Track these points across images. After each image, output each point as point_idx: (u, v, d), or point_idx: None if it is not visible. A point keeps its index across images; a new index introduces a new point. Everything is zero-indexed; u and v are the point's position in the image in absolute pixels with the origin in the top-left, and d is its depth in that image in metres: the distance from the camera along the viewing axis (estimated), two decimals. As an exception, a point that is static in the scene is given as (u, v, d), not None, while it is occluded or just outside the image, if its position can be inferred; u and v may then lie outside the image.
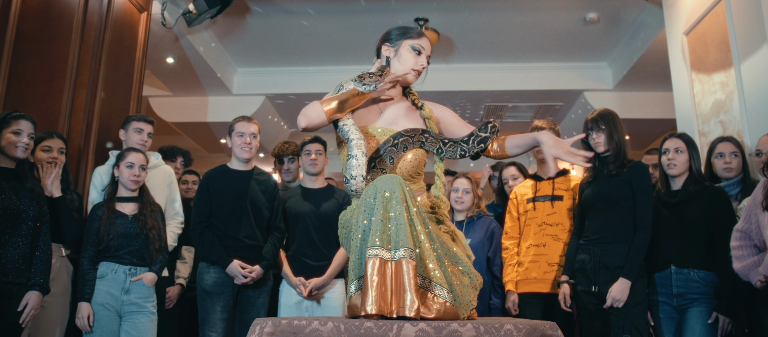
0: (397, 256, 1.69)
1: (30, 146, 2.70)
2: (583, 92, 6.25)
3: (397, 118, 2.06)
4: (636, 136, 6.99)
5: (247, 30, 5.48)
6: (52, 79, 3.58)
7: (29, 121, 2.69)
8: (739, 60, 3.45)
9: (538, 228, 3.22)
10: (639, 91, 6.23)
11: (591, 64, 6.16)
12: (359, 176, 1.86)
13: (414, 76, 2.06)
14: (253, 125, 3.38)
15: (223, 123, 6.52)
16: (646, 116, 6.30)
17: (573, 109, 6.71)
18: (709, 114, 3.77)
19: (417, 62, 2.04)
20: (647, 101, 6.26)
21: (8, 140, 2.62)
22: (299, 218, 3.42)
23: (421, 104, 2.11)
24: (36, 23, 3.67)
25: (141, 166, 3.09)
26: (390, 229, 1.71)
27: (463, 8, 5.09)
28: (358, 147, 1.88)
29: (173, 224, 3.52)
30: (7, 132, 2.63)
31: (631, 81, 5.97)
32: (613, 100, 6.25)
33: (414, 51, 2.04)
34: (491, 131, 2.03)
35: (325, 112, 1.89)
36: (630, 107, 6.25)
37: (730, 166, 2.93)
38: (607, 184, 2.87)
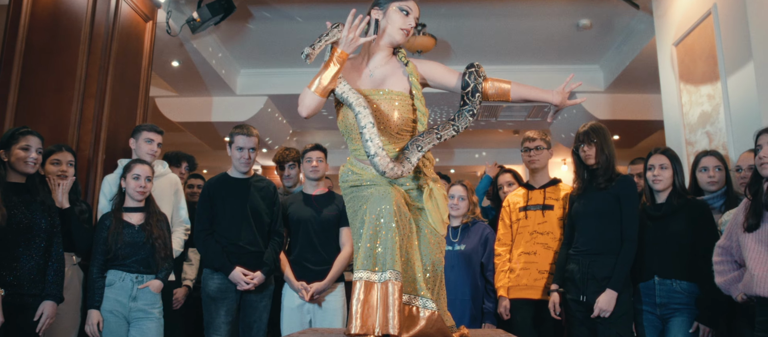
0: (383, 278, 1.73)
1: (39, 160, 2.73)
2: (576, 94, 6.25)
3: (384, 79, 2.08)
4: (626, 136, 7.02)
5: (250, 34, 5.48)
6: (61, 90, 3.59)
7: (37, 136, 2.71)
8: (726, 74, 3.46)
9: (530, 236, 3.25)
10: (630, 93, 6.24)
11: (583, 66, 6.17)
12: (378, 151, 1.87)
13: (402, 35, 2.06)
14: (253, 138, 3.38)
15: (227, 123, 6.54)
16: (636, 118, 6.32)
17: (565, 109, 6.72)
18: (696, 125, 3.79)
19: (405, 22, 2.05)
20: (637, 103, 6.27)
21: (17, 156, 2.65)
22: (301, 223, 3.44)
23: (407, 61, 2.11)
24: (45, 35, 3.67)
25: (147, 178, 3.11)
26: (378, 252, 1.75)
27: (459, 14, 5.08)
28: (363, 115, 1.90)
29: (180, 231, 3.55)
30: (16, 148, 2.65)
31: (622, 83, 5.98)
32: (605, 102, 6.26)
33: (402, 12, 2.05)
34: (477, 76, 2.07)
35: (315, 92, 1.92)
36: (621, 109, 6.27)
37: (713, 180, 2.96)
38: (595, 197, 2.92)
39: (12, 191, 2.64)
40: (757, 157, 2.31)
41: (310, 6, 4.94)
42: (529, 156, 3.35)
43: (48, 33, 3.67)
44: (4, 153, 2.66)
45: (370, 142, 1.86)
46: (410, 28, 2.07)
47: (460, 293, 3.30)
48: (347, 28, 1.90)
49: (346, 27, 1.91)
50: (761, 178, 2.30)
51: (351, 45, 1.91)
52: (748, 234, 2.28)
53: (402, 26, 2.05)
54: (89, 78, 3.61)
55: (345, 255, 3.40)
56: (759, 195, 2.29)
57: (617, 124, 6.54)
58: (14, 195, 2.63)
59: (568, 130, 7.02)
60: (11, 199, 2.61)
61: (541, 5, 4.91)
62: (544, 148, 3.33)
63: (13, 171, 2.67)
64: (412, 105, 2.06)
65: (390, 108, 2.02)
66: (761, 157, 2.28)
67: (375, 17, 2.09)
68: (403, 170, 1.91)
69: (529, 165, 3.37)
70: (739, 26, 3.34)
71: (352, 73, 2.09)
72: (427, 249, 2.01)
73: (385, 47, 2.11)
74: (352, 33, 1.90)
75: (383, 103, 2.02)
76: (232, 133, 3.40)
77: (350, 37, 1.90)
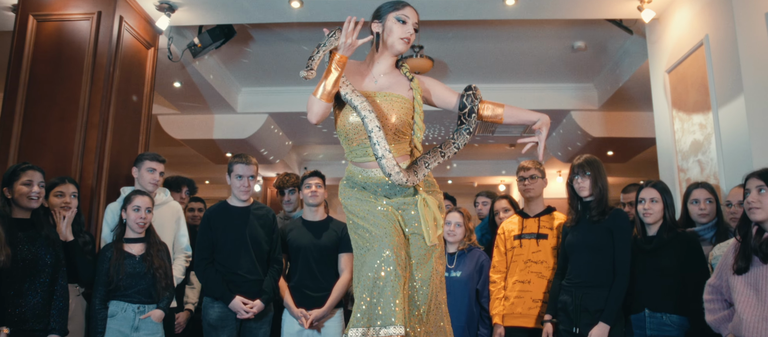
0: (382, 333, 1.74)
1: (41, 194, 2.74)
2: (570, 112, 6.26)
3: (389, 86, 2.12)
4: (619, 152, 7.03)
5: (250, 55, 5.49)
6: (65, 120, 3.60)
7: (38, 170, 2.73)
8: (717, 106, 3.46)
9: (524, 265, 3.25)
10: (623, 110, 6.24)
11: (578, 85, 6.17)
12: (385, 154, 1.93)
13: (402, 44, 2.09)
14: (251, 167, 3.38)
15: (228, 140, 6.54)
16: (629, 135, 6.32)
17: (560, 126, 6.73)
18: (688, 152, 3.79)
19: (403, 31, 2.08)
20: (631, 121, 6.27)
21: (20, 192, 2.66)
22: (300, 250, 3.44)
23: (412, 77, 2.16)
24: (48, 66, 3.69)
25: (147, 209, 3.11)
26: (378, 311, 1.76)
27: (456, 37, 5.08)
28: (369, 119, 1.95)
29: (181, 259, 3.55)
30: (18, 184, 2.67)
31: (616, 102, 5.98)
32: (599, 120, 6.27)
33: (399, 22, 2.07)
34: (474, 99, 2.14)
35: (321, 99, 1.97)
36: (614, 126, 6.27)
37: (704, 213, 2.97)
38: (589, 230, 2.92)
39: (17, 227, 2.65)
40: (745, 201, 2.31)
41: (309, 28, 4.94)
42: (523, 185, 3.36)
43: (51, 64, 3.69)
44: (8, 190, 2.67)
45: (378, 146, 1.91)
46: (410, 35, 2.10)
47: (455, 319, 3.29)
48: (344, 33, 1.93)
49: (343, 33, 1.94)
50: (750, 221, 2.30)
51: (350, 49, 1.95)
52: (738, 276, 2.28)
53: (401, 36, 2.08)
54: (92, 108, 3.61)
55: (344, 281, 3.41)
56: (748, 238, 2.29)
57: (611, 141, 6.55)
58: (20, 231, 2.65)
59: (564, 146, 7.03)
60: (16, 235, 2.62)
61: (536, 28, 4.92)
62: (539, 178, 3.34)
63: (18, 207, 2.68)
64: (411, 112, 2.11)
65: (389, 109, 2.06)
66: (749, 202, 2.28)
67: (375, 31, 2.12)
68: (409, 180, 1.96)
69: (524, 194, 3.38)
70: (731, 58, 3.34)
71: (357, 77, 2.13)
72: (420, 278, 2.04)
73: (389, 57, 2.15)
74: (349, 38, 1.93)
75: (384, 103, 2.06)
76: (231, 162, 3.41)
77: (348, 42, 1.94)
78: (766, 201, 2.23)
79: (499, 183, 9.54)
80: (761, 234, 2.27)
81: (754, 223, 2.28)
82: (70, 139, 3.56)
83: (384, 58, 2.14)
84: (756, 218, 2.26)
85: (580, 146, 6.70)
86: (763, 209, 2.24)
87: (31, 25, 3.74)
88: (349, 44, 1.93)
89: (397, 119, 2.06)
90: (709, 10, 3.57)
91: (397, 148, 2.08)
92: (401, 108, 2.07)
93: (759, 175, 2.28)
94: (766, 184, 2.24)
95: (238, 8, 4.12)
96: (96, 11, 3.75)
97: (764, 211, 2.24)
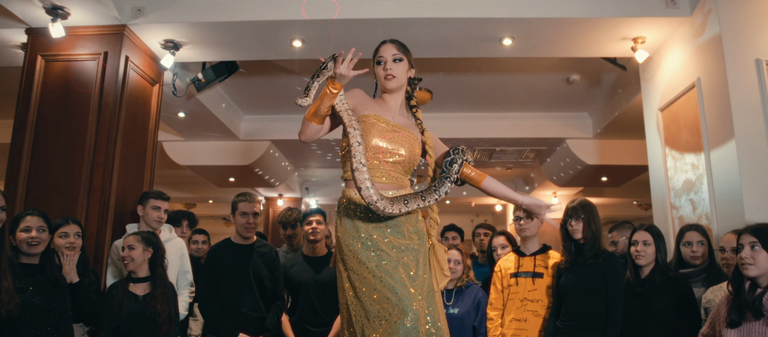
0: None
1: (42, 239, 2.71)
2: (566, 140, 6.27)
3: (406, 126, 2.17)
4: (613, 178, 7.04)
5: (252, 86, 5.50)
6: (71, 158, 3.59)
7: (37, 216, 2.72)
8: (709, 148, 3.46)
9: (520, 303, 3.24)
10: (617, 139, 6.24)
11: (573, 114, 6.18)
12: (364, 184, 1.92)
13: (387, 82, 2.14)
14: (256, 204, 3.39)
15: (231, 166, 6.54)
16: (623, 163, 6.32)
17: (555, 153, 6.74)
18: (681, 190, 3.78)
19: (382, 72, 2.14)
20: (624, 149, 6.27)
21: (20, 239, 2.66)
22: (301, 286, 3.45)
23: (423, 130, 2.21)
24: (56, 105, 3.68)
25: (129, 246, 3.09)
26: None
27: (455, 70, 5.10)
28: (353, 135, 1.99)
29: (185, 294, 3.54)
30: (18, 231, 2.67)
31: (610, 131, 5.98)
32: (593, 148, 6.27)
33: (378, 64, 2.15)
34: (462, 155, 2.16)
35: (310, 120, 2.07)
36: (609, 154, 6.27)
37: (696, 255, 2.97)
38: (583, 273, 2.92)
39: (25, 273, 2.65)
40: (738, 257, 2.30)
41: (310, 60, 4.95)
42: (519, 225, 3.37)
43: (58, 103, 3.68)
44: (13, 238, 2.68)
45: (355, 158, 1.94)
46: (388, 71, 2.14)
47: (453, 356, 3.29)
48: (339, 62, 1.98)
49: (337, 62, 1.99)
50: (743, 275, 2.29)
51: (343, 78, 2.00)
52: (730, 330, 2.27)
53: (382, 76, 2.15)
54: (98, 147, 3.60)
55: (342, 317, 3.40)
56: (741, 292, 2.28)
57: (605, 169, 6.56)
58: (27, 276, 2.64)
59: (559, 172, 7.03)
60: (24, 281, 2.61)
61: (532, 62, 4.93)
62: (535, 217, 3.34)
63: (23, 254, 2.68)
64: (421, 153, 2.19)
65: (405, 143, 2.12)
66: (743, 258, 2.27)
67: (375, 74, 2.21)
68: (386, 211, 1.95)
69: (520, 233, 3.38)
70: (722, 102, 3.34)
71: (376, 105, 2.18)
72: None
73: (392, 96, 2.20)
74: (341, 68, 1.98)
75: (398, 135, 2.12)
76: (234, 201, 3.41)
77: (341, 71, 1.98)
78: (759, 258, 2.22)
79: (495, 203, 9.52)
80: (754, 289, 2.26)
81: (747, 278, 2.27)
82: (77, 178, 3.55)
83: (390, 100, 2.20)
84: (749, 275, 2.25)
85: (573, 173, 6.71)
86: (756, 266, 2.23)
87: (39, 64, 3.74)
88: (342, 74, 1.98)
89: (408, 154, 2.13)
90: (700, 53, 3.58)
91: (402, 182, 2.14)
92: (413, 145, 2.14)
93: (752, 231, 2.27)
94: (760, 241, 2.23)
95: (241, 46, 4.12)
96: (102, 51, 3.75)
97: (757, 268, 2.23)
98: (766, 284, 2.24)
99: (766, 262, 2.21)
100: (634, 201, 9.20)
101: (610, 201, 9.24)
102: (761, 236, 2.23)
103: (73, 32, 3.75)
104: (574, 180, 7.00)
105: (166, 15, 3.80)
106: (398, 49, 2.18)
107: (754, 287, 2.26)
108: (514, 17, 3.69)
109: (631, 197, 8.77)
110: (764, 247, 2.22)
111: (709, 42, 3.47)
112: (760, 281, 2.24)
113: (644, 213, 9.92)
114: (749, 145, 3.19)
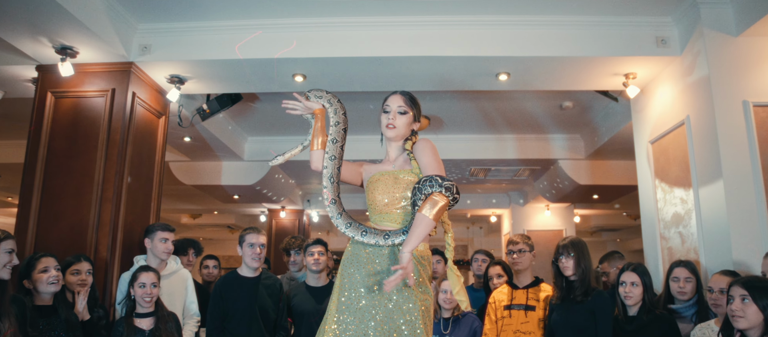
0: None
1: (59, 277, 2.76)
2: (558, 161, 6.25)
3: (401, 166, 2.22)
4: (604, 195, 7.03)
5: (256, 111, 5.47)
6: (81, 194, 3.55)
7: (50, 256, 2.76)
8: (698, 185, 3.44)
9: (513, 335, 3.24)
10: (608, 160, 6.23)
11: (565, 135, 6.16)
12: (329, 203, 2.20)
13: (387, 130, 2.22)
14: (262, 237, 3.40)
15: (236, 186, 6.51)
16: (613, 183, 6.30)
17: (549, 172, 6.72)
18: (670, 223, 3.76)
19: (386, 119, 2.22)
20: (615, 169, 6.26)
21: (39, 279, 2.69)
22: (303, 315, 3.44)
23: (411, 155, 2.22)
24: (65, 141, 3.65)
25: (152, 284, 3.08)
26: None
27: (452, 97, 5.07)
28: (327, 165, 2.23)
29: (191, 324, 3.53)
30: (36, 273, 2.69)
31: (601, 152, 5.97)
32: (585, 168, 6.25)
33: (384, 113, 2.24)
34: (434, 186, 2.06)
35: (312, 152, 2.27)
36: (600, 174, 6.26)
37: (683, 292, 2.96)
38: (573, 310, 2.92)
39: (38, 315, 2.66)
40: (729, 308, 2.28)
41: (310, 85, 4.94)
42: (512, 258, 3.37)
43: (68, 139, 3.65)
44: (28, 282, 2.68)
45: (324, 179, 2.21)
46: (390, 121, 2.21)
47: (450, 384, 3.28)
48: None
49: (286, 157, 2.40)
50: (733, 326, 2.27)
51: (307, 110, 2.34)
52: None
53: (385, 123, 2.23)
54: (106, 183, 3.57)
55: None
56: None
57: (596, 188, 6.55)
58: (40, 318, 2.65)
59: (551, 189, 7.01)
60: (38, 323, 2.62)
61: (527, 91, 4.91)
62: (527, 251, 3.34)
63: (39, 294, 2.70)
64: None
65: (406, 185, 2.15)
66: (733, 310, 2.25)
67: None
68: (343, 228, 2.14)
69: (513, 266, 3.38)
70: (711, 142, 3.32)
71: (380, 166, 2.30)
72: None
73: (392, 144, 2.28)
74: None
75: (401, 180, 2.16)
76: (242, 234, 3.42)
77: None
78: (749, 311, 2.21)
79: (490, 214, 9.51)
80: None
81: (737, 330, 2.26)
82: (86, 213, 3.52)
83: (391, 148, 2.29)
84: (739, 327, 2.24)
85: (566, 191, 6.69)
86: (746, 319, 2.21)
87: (49, 101, 3.70)
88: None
89: (402, 192, 2.16)
90: (690, 92, 3.56)
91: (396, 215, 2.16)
92: (406, 182, 2.16)
93: (743, 284, 2.25)
94: (750, 294, 2.21)
95: (244, 80, 4.09)
96: (110, 88, 3.71)
97: (747, 320, 2.21)
98: (755, 336, 2.22)
99: (755, 315, 2.20)
100: (623, 213, 9.19)
101: (600, 212, 9.24)
102: (752, 290, 2.22)
103: (81, 69, 3.72)
104: (566, 197, 6.99)
105: (171, 52, 3.77)
106: (405, 102, 2.23)
107: (743, 338, 2.25)
108: (510, 56, 3.67)
109: (621, 210, 8.77)
110: (754, 300, 2.20)
111: (699, 82, 3.45)
112: (750, 333, 2.23)
113: (633, 222, 9.91)
114: (737, 184, 3.17)
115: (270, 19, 3.69)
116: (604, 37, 3.67)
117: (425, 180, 2.03)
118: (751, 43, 3.34)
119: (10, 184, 7.27)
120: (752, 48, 3.34)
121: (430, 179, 2.02)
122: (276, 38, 3.71)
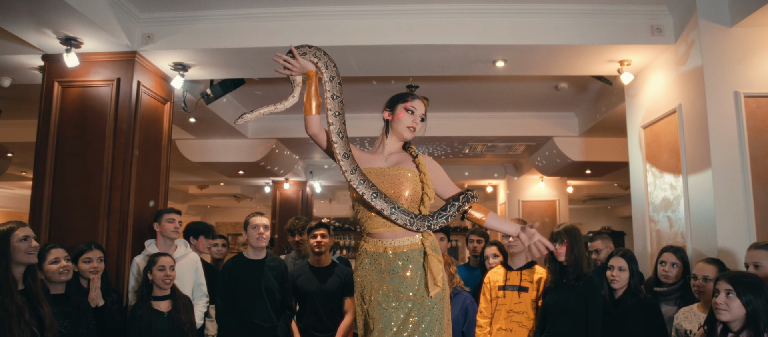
0: None
1: (70, 266, 2.76)
2: (553, 138, 6.21)
3: (398, 163, 2.16)
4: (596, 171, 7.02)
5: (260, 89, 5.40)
6: (91, 181, 3.55)
7: (60, 247, 2.76)
8: (687, 173, 3.42)
9: (507, 314, 3.28)
10: (601, 137, 6.19)
11: (560, 114, 6.10)
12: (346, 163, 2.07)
13: (408, 132, 2.15)
14: (265, 218, 3.42)
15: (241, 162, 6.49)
16: (606, 159, 6.29)
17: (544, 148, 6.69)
18: (659, 206, 3.76)
19: (411, 121, 2.15)
20: (607, 146, 6.23)
21: (50, 271, 2.69)
22: (308, 295, 3.50)
23: (416, 154, 2.19)
24: (74, 129, 3.62)
25: (170, 267, 3.11)
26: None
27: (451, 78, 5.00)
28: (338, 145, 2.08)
29: (200, 304, 3.58)
30: (46, 265, 2.69)
31: (595, 130, 5.93)
32: (579, 145, 6.22)
33: (408, 112, 2.15)
34: (467, 201, 2.15)
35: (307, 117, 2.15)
36: (593, 151, 6.24)
37: (667, 275, 3.00)
38: (565, 294, 2.96)
39: (53, 304, 2.66)
40: (713, 301, 2.30)
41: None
42: (508, 241, 3.38)
43: (77, 127, 3.62)
44: (41, 272, 2.68)
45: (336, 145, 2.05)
46: (416, 125, 2.15)
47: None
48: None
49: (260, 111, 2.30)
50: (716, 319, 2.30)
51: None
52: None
53: (408, 124, 2.14)
54: (115, 170, 3.56)
55: (347, 323, 3.46)
56: (714, 333, 2.30)
57: (589, 164, 6.53)
58: (55, 307, 2.66)
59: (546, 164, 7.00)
60: (53, 311, 2.63)
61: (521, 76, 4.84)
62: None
63: (52, 284, 2.70)
64: (421, 184, 2.14)
65: (402, 183, 2.09)
66: (717, 303, 2.27)
67: (386, 118, 2.20)
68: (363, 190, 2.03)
69: (509, 249, 3.39)
70: (701, 131, 3.29)
71: (368, 157, 2.19)
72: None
73: (396, 142, 2.21)
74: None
75: (396, 177, 2.10)
76: (246, 218, 3.44)
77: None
78: (733, 305, 2.23)
79: (486, 184, 9.53)
80: (726, 332, 2.28)
81: (720, 322, 2.28)
82: (97, 200, 3.52)
83: (392, 142, 2.21)
84: (722, 319, 2.27)
85: (560, 167, 6.68)
86: (730, 312, 2.24)
87: (56, 90, 3.65)
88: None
89: (410, 193, 2.10)
90: (683, 81, 3.50)
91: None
92: (412, 182, 2.11)
93: (730, 279, 2.27)
94: (735, 289, 2.23)
95: (247, 66, 4.02)
96: (116, 78, 3.65)
97: (730, 313, 2.24)
98: (737, 328, 2.25)
99: (738, 309, 2.23)
100: (614, 183, 9.20)
101: (593, 182, 9.25)
102: (737, 285, 2.24)
103: (86, 59, 3.65)
104: (560, 172, 6.98)
105: (174, 41, 3.69)
106: (426, 111, 2.21)
107: (726, 330, 2.28)
108: (507, 44, 3.59)
109: (612, 180, 8.78)
110: (738, 295, 2.22)
111: (692, 72, 3.39)
112: (732, 325, 2.26)
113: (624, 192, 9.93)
114: (725, 174, 3.16)
115: (270, 7, 3.59)
116: (600, 25, 3.58)
117: (466, 195, 2.16)
118: (745, 34, 3.27)
119: (23, 160, 7.28)
120: (746, 39, 3.27)
121: (466, 193, 2.16)
122: (275, 27, 3.63)
